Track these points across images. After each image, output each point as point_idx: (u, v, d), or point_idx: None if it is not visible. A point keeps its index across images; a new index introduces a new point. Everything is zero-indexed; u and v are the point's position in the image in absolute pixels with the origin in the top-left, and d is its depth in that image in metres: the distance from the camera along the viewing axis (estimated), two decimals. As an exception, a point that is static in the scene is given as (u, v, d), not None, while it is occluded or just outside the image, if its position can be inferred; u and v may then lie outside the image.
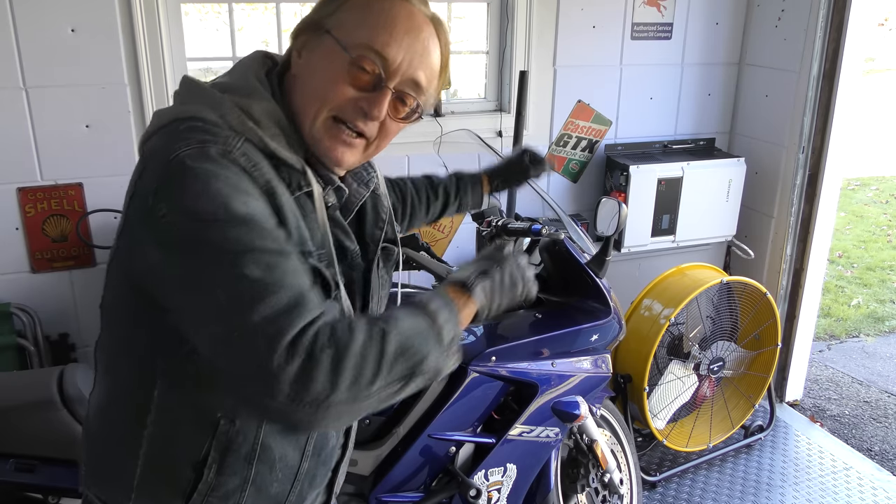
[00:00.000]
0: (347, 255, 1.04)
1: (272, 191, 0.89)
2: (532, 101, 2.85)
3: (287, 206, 0.90)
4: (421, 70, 0.96)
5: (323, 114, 0.94)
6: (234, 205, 0.82)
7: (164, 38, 2.38)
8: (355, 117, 0.94)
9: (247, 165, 0.87)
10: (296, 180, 0.94)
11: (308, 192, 0.95)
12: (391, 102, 0.95)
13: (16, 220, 2.36)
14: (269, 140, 0.91)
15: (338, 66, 0.93)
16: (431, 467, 1.89)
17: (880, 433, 3.24)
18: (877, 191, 7.55)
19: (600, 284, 2.07)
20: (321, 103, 0.94)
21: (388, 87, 0.94)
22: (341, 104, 0.94)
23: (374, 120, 0.95)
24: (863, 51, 2.87)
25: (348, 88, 0.93)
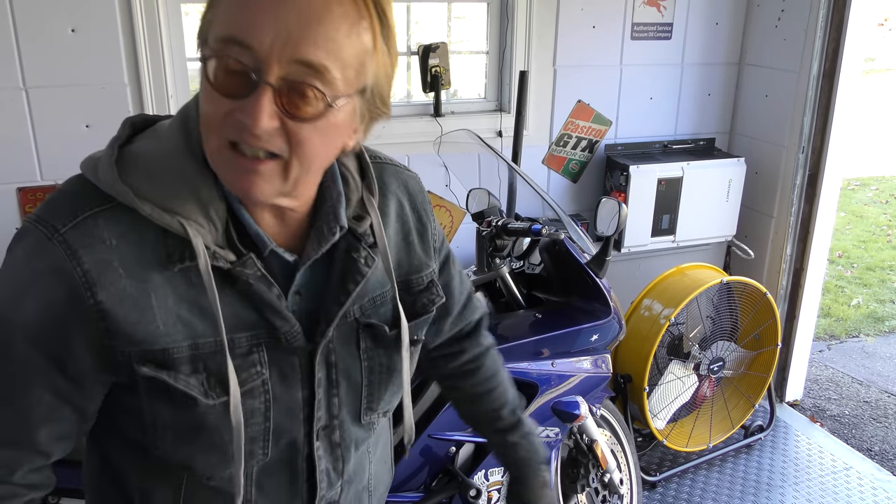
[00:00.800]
0: (280, 336, 0.82)
1: (91, 283, 0.73)
2: (532, 101, 2.86)
3: (122, 299, 0.75)
4: (308, 45, 0.69)
5: (213, 142, 0.74)
6: (5, 308, 0.76)
7: (164, 38, 2.38)
8: (240, 134, 0.71)
9: (63, 254, 0.73)
10: (180, 250, 0.76)
11: (191, 265, 0.76)
12: (283, 98, 0.70)
13: (16, 220, 2.36)
14: (140, 203, 0.74)
15: (205, 79, 0.72)
16: (431, 467, 1.89)
17: (880, 433, 3.24)
18: (877, 191, 7.55)
19: (600, 284, 2.08)
20: (207, 130, 0.74)
21: (263, 81, 0.69)
22: (222, 123, 0.72)
23: (254, 129, 0.70)
24: (863, 51, 2.87)
25: (222, 101, 0.71)
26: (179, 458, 0.84)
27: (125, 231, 0.75)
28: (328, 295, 0.87)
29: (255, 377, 0.82)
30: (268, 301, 0.81)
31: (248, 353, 0.82)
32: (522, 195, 2.35)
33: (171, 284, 0.77)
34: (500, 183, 2.34)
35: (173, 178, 0.77)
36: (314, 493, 0.93)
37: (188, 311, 0.78)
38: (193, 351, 0.79)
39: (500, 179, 2.35)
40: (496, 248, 2.06)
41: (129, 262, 0.75)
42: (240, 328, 0.81)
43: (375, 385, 0.93)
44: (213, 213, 0.77)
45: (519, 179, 2.29)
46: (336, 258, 0.87)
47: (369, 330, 0.91)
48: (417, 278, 0.98)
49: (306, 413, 0.88)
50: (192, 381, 0.79)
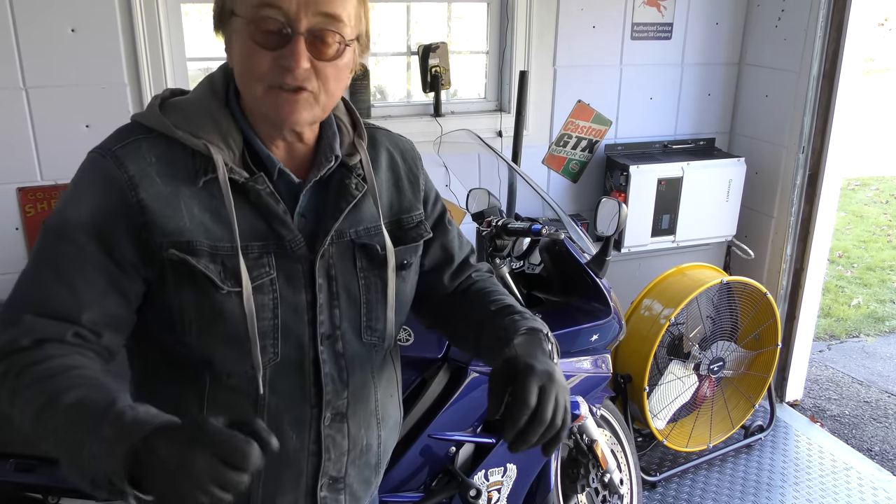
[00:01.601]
0: (285, 244, 0.98)
1: (134, 184, 0.92)
2: (532, 101, 2.85)
3: (158, 198, 0.93)
4: (327, 1, 0.91)
5: (257, 89, 0.93)
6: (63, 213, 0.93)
7: (164, 38, 2.38)
8: (283, 77, 0.91)
9: (113, 164, 0.93)
10: (204, 166, 0.95)
11: (213, 178, 0.95)
12: (310, 45, 0.91)
13: (16, 220, 2.36)
14: (175, 130, 0.95)
15: (247, 38, 0.91)
16: (431, 467, 1.89)
17: (880, 433, 3.24)
18: (877, 191, 7.55)
19: (600, 284, 2.08)
20: (250, 79, 0.93)
21: (297, 32, 0.90)
22: (266, 72, 0.91)
23: (297, 70, 0.90)
24: (863, 51, 2.86)
25: (264, 54, 0.91)
26: (202, 354, 0.97)
27: (162, 153, 0.95)
28: (325, 213, 1.03)
29: (263, 276, 0.97)
30: (275, 212, 0.97)
31: (259, 257, 0.97)
32: (522, 195, 2.35)
33: (197, 197, 0.95)
34: (500, 183, 2.34)
35: (201, 115, 0.97)
36: (321, 399, 1.03)
37: (210, 219, 0.95)
38: (212, 251, 0.94)
39: (500, 179, 2.35)
40: (496, 248, 2.05)
41: (164, 175, 0.94)
42: (252, 237, 0.97)
43: (373, 304, 1.06)
44: (231, 140, 0.97)
45: (519, 179, 2.29)
46: (332, 185, 1.04)
47: (364, 250, 1.05)
48: (407, 217, 1.12)
49: (310, 316, 1.01)
50: (212, 266, 0.94)
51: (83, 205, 0.93)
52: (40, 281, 0.92)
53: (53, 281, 0.91)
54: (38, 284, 0.92)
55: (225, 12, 0.95)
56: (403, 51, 2.86)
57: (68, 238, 0.92)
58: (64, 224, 0.92)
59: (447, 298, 1.21)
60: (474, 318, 1.15)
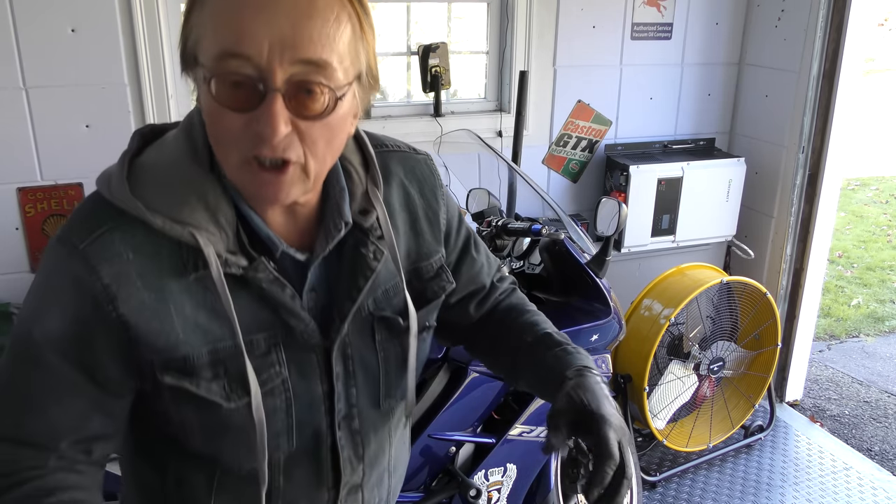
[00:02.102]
0: (295, 335, 0.84)
1: (112, 296, 0.76)
2: (532, 101, 2.85)
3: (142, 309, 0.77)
4: (306, 43, 0.70)
5: (230, 159, 0.75)
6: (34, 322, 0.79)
7: (164, 38, 2.38)
8: (258, 147, 0.72)
9: (83, 268, 0.76)
10: (193, 259, 0.78)
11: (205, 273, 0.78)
12: (292, 101, 0.71)
13: (16, 220, 2.36)
14: (152, 217, 0.76)
15: (210, 98, 0.72)
16: (431, 467, 1.89)
17: (880, 433, 3.24)
18: (877, 191, 7.55)
19: (600, 284, 2.07)
20: (220, 147, 0.75)
21: (271, 89, 0.70)
22: (237, 139, 0.73)
23: (274, 139, 0.71)
24: (863, 51, 2.86)
25: (234, 116, 0.72)
26: (209, 452, 0.87)
27: (140, 244, 0.77)
28: (340, 291, 0.88)
29: (274, 377, 0.84)
30: (282, 302, 0.83)
31: (267, 352, 0.84)
32: (522, 195, 2.35)
33: (189, 292, 0.79)
34: (500, 183, 2.34)
35: (181, 186, 0.78)
36: (339, 480, 0.95)
37: (206, 317, 0.80)
38: (213, 356, 0.81)
39: (500, 179, 2.35)
40: (496, 248, 2.05)
41: (146, 274, 0.77)
42: (257, 329, 0.83)
43: (392, 373, 0.95)
44: (222, 218, 0.79)
45: (519, 179, 2.29)
46: (345, 254, 0.88)
47: (384, 322, 0.92)
48: (427, 265, 0.98)
49: (327, 406, 0.90)
50: (214, 386, 0.81)
51: (52, 318, 0.78)
52: (12, 406, 0.80)
53: (25, 408, 0.79)
54: (10, 410, 0.80)
55: (188, 56, 0.75)
56: (403, 51, 2.86)
57: (37, 359, 0.78)
58: (31, 342, 0.78)
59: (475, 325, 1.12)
60: (510, 345, 1.06)
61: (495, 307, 1.12)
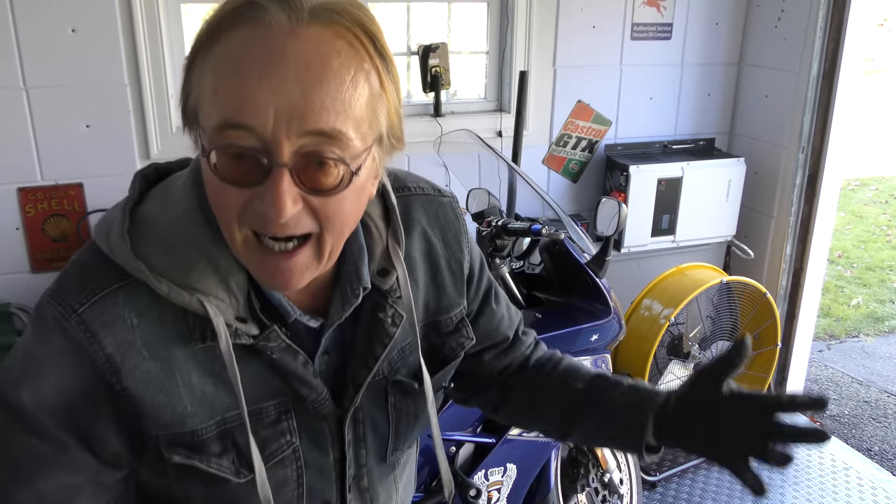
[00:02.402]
0: (307, 404, 0.80)
1: (116, 368, 0.70)
2: (532, 101, 2.85)
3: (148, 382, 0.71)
4: (317, 112, 0.62)
5: (235, 234, 0.68)
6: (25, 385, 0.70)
7: (164, 38, 2.38)
8: (264, 226, 0.65)
9: (82, 335, 0.69)
10: (200, 328, 0.72)
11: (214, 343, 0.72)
12: (302, 177, 0.64)
13: (16, 220, 2.36)
14: (157, 282, 0.69)
15: (211, 175, 0.66)
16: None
17: (880, 433, 3.24)
18: (877, 191, 7.55)
19: (600, 284, 2.08)
20: (225, 220, 0.68)
21: (276, 164, 0.62)
22: (240, 214, 0.66)
23: (280, 219, 0.64)
24: (863, 51, 2.86)
25: (233, 191, 0.64)
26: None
27: (145, 308, 0.70)
28: (355, 358, 0.83)
29: (285, 447, 0.80)
30: (293, 371, 0.77)
31: (277, 421, 0.79)
32: (522, 195, 2.35)
33: (195, 360, 0.73)
34: (500, 183, 2.34)
35: (189, 248, 0.71)
36: None
37: (213, 386, 0.75)
38: (221, 427, 0.76)
39: (500, 179, 2.35)
40: (496, 248, 2.06)
41: (151, 342, 0.71)
42: (266, 397, 0.78)
43: (402, 432, 0.91)
44: (233, 284, 0.73)
45: (519, 179, 2.29)
46: (361, 317, 0.83)
47: (398, 386, 0.88)
48: (446, 319, 0.93)
49: (338, 471, 0.87)
50: (224, 462, 0.76)
51: (46, 382, 0.70)
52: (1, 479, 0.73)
53: (12, 483, 0.72)
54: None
55: (189, 114, 0.68)
56: (403, 51, 2.86)
57: (28, 427, 0.70)
58: (21, 407, 0.70)
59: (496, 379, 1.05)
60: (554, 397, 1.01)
61: (525, 364, 1.05)
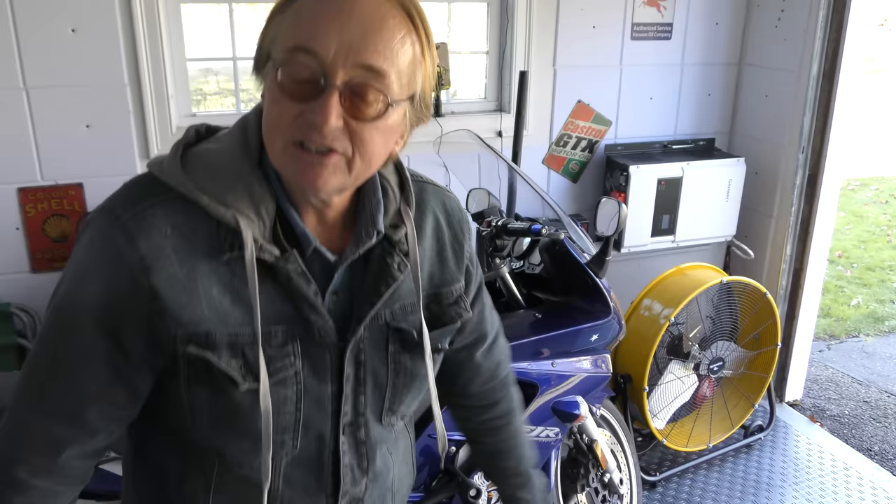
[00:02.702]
0: (313, 331, 0.88)
1: (146, 267, 0.80)
2: (532, 101, 2.86)
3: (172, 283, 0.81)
4: (370, 51, 0.77)
5: (279, 143, 0.81)
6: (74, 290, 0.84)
7: (164, 38, 2.38)
8: (309, 133, 0.78)
9: (124, 240, 0.81)
10: (230, 240, 0.83)
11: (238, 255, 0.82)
12: (347, 101, 0.78)
13: (16, 220, 2.36)
14: (199, 195, 0.82)
15: (275, 86, 0.80)
16: (431, 467, 1.89)
17: (880, 433, 3.24)
18: (877, 191, 7.56)
19: (600, 284, 2.08)
20: (274, 132, 0.81)
21: (330, 85, 0.77)
22: (291, 125, 0.79)
23: (323, 127, 0.77)
24: (863, 51, 2.87)
25: (291, 105, 0.79)
26: (214, 445, 0.90)
27: (180, 223, 0.82)
28: (361, 296, 0.92)
29: (288, 367, 0.87)
30: (305, 296, 0.86)
31: (284, 344, 0.87)
32: (522, 195, 2.35)
33: (217, 274, 0.83)
34: (500, 183, 2.34)
35: (230, 175, 0.84)
36: (338, 488, 0.97)
37: (230, 302, 0.84)
38: (231, 339, 0.84)
39: (500, 179, 2.35)
40: (496, 248, 2.06)
41: (180, 251, 0.82)
42: (277, 320, 0.86)
43: (399, 388, 0.98)
44: (263, 210, 0.84)
45: (519, 179, 2.29)
46: (371, 262, 0.93)
47: (398, 334, 0.95)
48: (447, 291, 1.02)
49: (334, 407, 0.93)
50: (233, 363, 0.84)
51: (91, 287, 0.83)
52: (44, 375, 0.85)
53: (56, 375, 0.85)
54: (41, 379, 0.85)
55: (262, 54, 0.84)
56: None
57: (74, 327, 0.83)
58: (69, 310, 0.84)
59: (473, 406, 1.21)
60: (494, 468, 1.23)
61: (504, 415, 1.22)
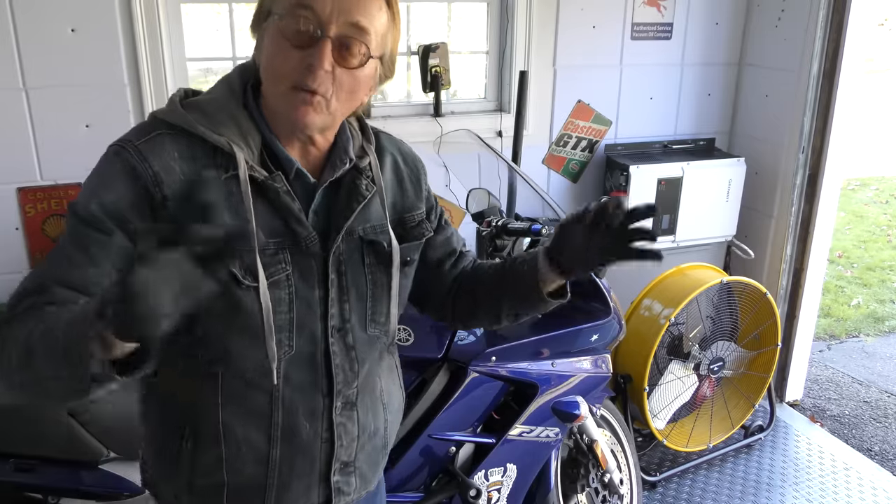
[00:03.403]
0: (300, 241, 1.04)
1: (159, 181, 0.95)
2: (532, 101, 2.85)
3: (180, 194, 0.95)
4: (358, 12, 0.97)
5: (280, 87, 0.98)
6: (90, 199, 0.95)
7: (164, 38, 2.38)
8: (305, 76, 0.96)
9: (137, 159, 0.96)
10: (225, 162, 0.99)
11: (235, 174, 0.98)
12: (336, 51, 0.96)
13: (16, 220, 2.36)
14: (196, 125, 0.98)
15: (278, 35, 0.97)
16: (431, 467, 1.89)
17: (880, 433, 3.24)
18: (877, 191, 7.55)
19: (600, 284, 2.08)
20: (274, 76, 0.98)
21: (326, 35, 0.95)
22: (290, 70, 0.96)
23: (318, 70, 0.95)
24: (863, 51, 2.86)
25: (292, 52, 0.96)
26: (219, 346, 1.02)
27: (183, 150, 0.98)
28: (337, 213, 1.08)
29: (280, 272, 1.02)
30: (291, 210, 1.02)
31: (275, 253, 1.02)
32: (522, 195, 2.35)
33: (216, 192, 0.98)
34: (500, 183, 2.34)
35: (222, 113, 1.01)
36: (332, 388, 1.10)
37: (228, 217, 0.98)
38: None
39: (500, 179, 2.34)
40: (496, 248, 2.05)
41: (186, 171, 0.98)
42: (268, 234, 1.01)
43: (378, 298, 1.13)
44: (250, 140, 1.02)
45: (519, 179, 2.29)
46: (342, 186, 1.09)
47: (371, 246, 1.11)
48: (410, 216, 1.18)
49: (322, 310, 1.07)
50: (234, 265, 0.97)
51: (110, 193, 0.95)
52: (69, 259, 0.94)
53: (81, 260, 0.94)
54: (66, 262, 0.94)
55: (263, 11, 1.01)
56: (403, 51, 2.86)
57: (96, 225, 0.94)
58: (91, 211, 0.95)
59: (451, 287, 1.29)
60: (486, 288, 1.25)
61: (464, 271, 1.30)
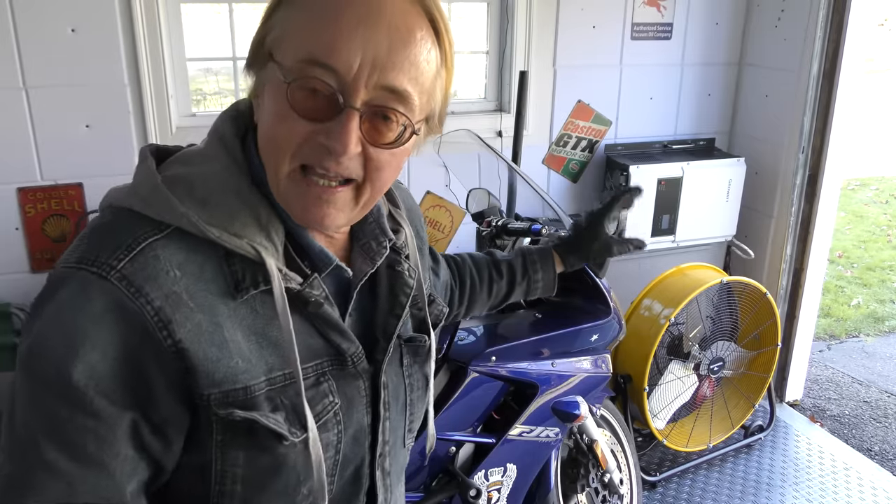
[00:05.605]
0: (346, 359, 0.79)
1: (166, 321, 0.66)
2: (532, 101, 2.85)
3: (199, 334, 0.68)
4: (397, 70, 0.68)
5: (284, 166, 0.70)
6: (69, 359, 0.64)
7: (164, 38, 2.38)
8: (321, 159, 0.68)
9: (124, 293, 0.65)
10: (250, 275, 0.71)
11: (266, 290, 0.71)
12: (366, 125, 0.69)
13: (16, 220, 2.36)
14: (206, 227, 0.68)
15: (282, 99, 0.68)
16: (431, 467, 1.89)
17: (880, 433, 3.24)
18: (877, 191, 7.55)
19: (600, 284, 2.08)
20: (277, 153, 0.70)
21: (350, 106, 0.67)
22: (299, 147, 0.69)
23: (343, 155, 0.68)
24: (863, 51, 2.86)
25: (301, 123, 0.68)
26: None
27: (184, 261, 0.68)
28: (381, 311, 0.84)
29: (329, 408, 0.77)
30: (334, 322, 0.77)
31: (317, 383, 0.76)
32: (522, 195, 2.35)
33: (237, 316, 0.71)
34: (500, 183, 2.34)
35: (230, 198, 0.72)
36: None
37: (256, 344, 0.72)
38: (269, 386, 0.72)
39: (500, 179, 2.34)
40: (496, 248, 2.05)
41: (195, 294, 0.68)
42: (306, 358, 0.75)
43: (416, 403, 0.91)
44: (273, 234, 0.73)
45: (519, 179, 2.29)
46: (380, 274, 0.85)
47: (410, 344, 0.88)
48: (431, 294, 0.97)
49: (370, 440, 0.84)
50: (278, 417, 0.72)
51: (92, 351, 0.64)
52: (51, 466, 0.65)
53: (84, 465, 0.65)
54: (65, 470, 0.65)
55: (262, 53, 0.71)
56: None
57: (82, 404, 0.64)
58: (70, 383, 0.64)
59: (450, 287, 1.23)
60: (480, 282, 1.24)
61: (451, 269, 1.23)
